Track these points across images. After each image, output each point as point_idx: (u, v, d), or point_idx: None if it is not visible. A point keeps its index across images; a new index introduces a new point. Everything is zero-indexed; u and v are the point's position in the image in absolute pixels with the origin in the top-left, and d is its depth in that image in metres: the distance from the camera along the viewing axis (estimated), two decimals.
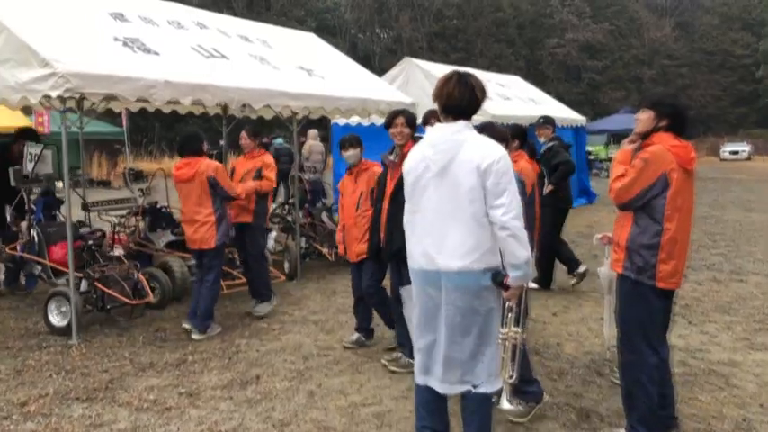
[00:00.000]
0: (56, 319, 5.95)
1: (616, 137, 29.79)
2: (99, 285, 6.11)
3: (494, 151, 3.19)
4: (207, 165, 5.98)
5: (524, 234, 3.17)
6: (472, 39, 50.16)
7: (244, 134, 6.80)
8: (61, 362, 5.24)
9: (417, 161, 3.34)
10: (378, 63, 40.15)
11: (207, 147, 6.45)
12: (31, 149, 6.88)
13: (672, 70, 54.87)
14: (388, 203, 4.86)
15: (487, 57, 47.65)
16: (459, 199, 3.19)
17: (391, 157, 5.00)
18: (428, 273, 3.27)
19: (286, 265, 8.44)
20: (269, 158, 6.72)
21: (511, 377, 3.40)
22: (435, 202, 3.25)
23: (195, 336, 5.86)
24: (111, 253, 7.85)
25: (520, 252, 3.14)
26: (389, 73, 14.30)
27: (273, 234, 9.05)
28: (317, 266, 8.90)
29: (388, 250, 4.82)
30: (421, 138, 5.77)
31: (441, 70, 14.70)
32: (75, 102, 8.59)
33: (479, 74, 15.44)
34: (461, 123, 3.27)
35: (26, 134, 7.71)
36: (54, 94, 5.50)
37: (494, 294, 3.26)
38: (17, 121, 14.75)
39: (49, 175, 7.10)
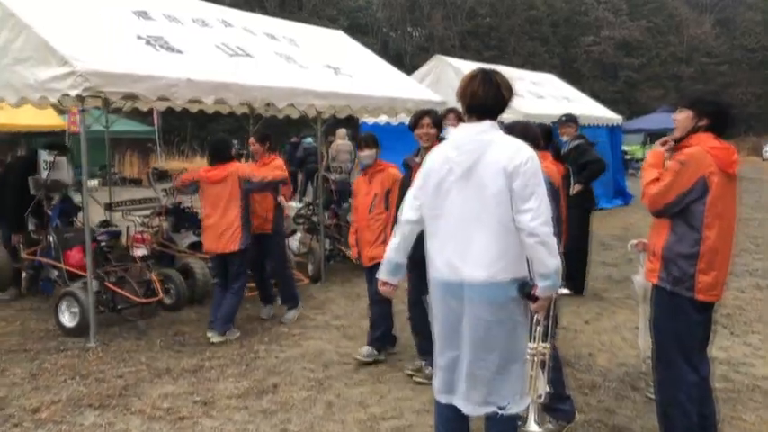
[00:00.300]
0: (66, 320, 5.88)
1: (653, 136, 29.04)
2: (108, 285, 6.03)
3: (521, 152, 2.97)
4: (237, 166, 5.99)
5: (554, 241, 2.95)
6: (505, 37, 49.56)
7: (252, 139, 6.67)
8: (77, 366, 5.14)
9: (439, 163, 3.13)
10: (409, 61, 39.85)
11: (236, 147, 6.33)
12: (45, 157, 6.87)
13: (711, 68, 53.50)
14: None
15: (521, 55, 47.01)
16: (484, 203, 2.98)
17: (417, 159, 4.79)
18: (450, 284, 3.06)
19: (310, 268, 8.29)
20: (279, 161, 6.53)
21: (540, 397, 3.16)
22: (459, 206, 3.04)
23: (214, 338, 5.72)
24: (132, 253, 7.81)
25: (549, 260, 2.91)
26: (419, 71, 14.08)
27: (298, 236, 8.90)
28: (342, 269, 8.72)
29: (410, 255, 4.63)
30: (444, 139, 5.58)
31: (472, 68, 14.39)
32: (101, 101, 8.62)
33: (514, 71, 15.12)
34: (487, 123, 3.05)
35: (53, 145, 7.68)
36: (73, 93, 5.41)
37: (520, 307, 3.04)
38: (49, 119, 14.89)
39: (64, 182, 7.05)
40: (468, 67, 14.17)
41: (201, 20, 8.02)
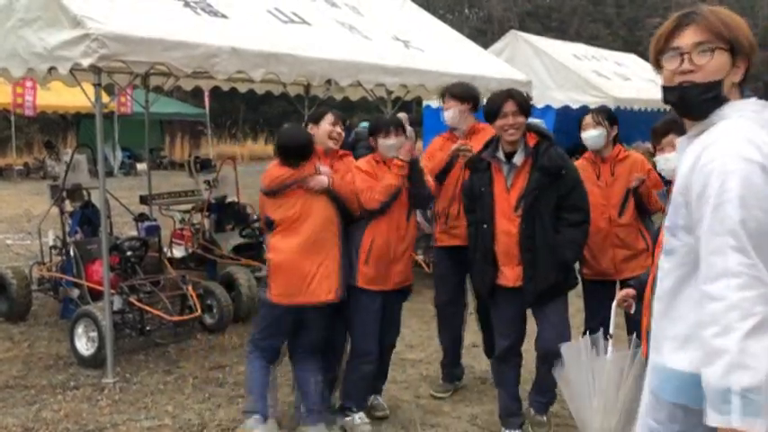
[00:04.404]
0: (83, 347, 4.74)
1: None
2: (135, 302, 4.88)
3: None
4: None
5: None
6: (567, 18, 47.25)
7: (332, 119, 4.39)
8: (84, 416, 3.97)
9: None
10: None
11: None
12: (64, 157, 5.80)
13: None
14: None
15: (583, 37, 44.52)
16: None
17: (499, 155, 3.50)
18: None
19: None
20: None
21: None
22: None
23: None
24: (169, 253, 6.73)
25: None
26: (491, 49, 12.64)
27: None
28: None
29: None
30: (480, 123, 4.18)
31: (552, 46, 12.84)
32: (141, 78, 7.49)
33: (595, 50, 13.32)
34: None
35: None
36: (85, 62, 4.23)
37: None
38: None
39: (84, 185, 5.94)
40: (547, 44, 12.65)
41: None
